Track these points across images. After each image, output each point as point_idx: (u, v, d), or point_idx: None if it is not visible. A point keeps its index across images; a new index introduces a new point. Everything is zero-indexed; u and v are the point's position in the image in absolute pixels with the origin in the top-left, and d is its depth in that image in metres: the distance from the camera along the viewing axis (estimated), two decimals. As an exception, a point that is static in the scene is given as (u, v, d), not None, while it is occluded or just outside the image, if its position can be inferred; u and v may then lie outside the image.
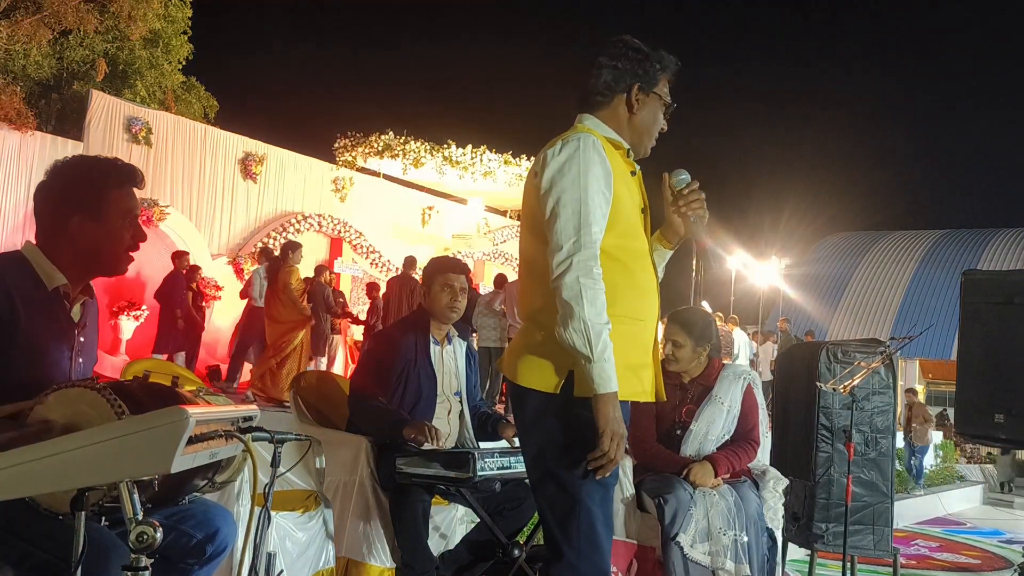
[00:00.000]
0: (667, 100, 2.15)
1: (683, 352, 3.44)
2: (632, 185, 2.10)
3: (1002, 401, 3.93)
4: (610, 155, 2.05)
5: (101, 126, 11.89)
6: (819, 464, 4.39)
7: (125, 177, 2.04)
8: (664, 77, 2.14)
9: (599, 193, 1.95)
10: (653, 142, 2.17)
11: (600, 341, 1.86)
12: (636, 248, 2.06)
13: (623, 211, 2.01)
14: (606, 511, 1.96)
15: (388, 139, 15.83)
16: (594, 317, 1.86)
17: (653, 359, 2.12)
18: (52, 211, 2.00)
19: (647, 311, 2.07)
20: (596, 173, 1.96)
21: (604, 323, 1.87)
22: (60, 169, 2.02)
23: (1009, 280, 4.12)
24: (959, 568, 6.46)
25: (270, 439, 2.51)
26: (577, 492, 1.92)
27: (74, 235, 1.98)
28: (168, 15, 16.07)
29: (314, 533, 3.34)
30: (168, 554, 1.98)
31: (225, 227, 13.51)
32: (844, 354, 4.39)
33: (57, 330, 1.97)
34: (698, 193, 2.10)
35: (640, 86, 2.10)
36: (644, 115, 2.11)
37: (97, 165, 2.06)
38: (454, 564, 3.23)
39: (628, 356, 2.00)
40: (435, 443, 3.03)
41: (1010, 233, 25.26)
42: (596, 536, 1.92)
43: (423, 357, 3.34)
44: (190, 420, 1.44)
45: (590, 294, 1.87)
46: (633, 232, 2.05)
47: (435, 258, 3.80)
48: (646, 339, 2.08)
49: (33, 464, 1.43)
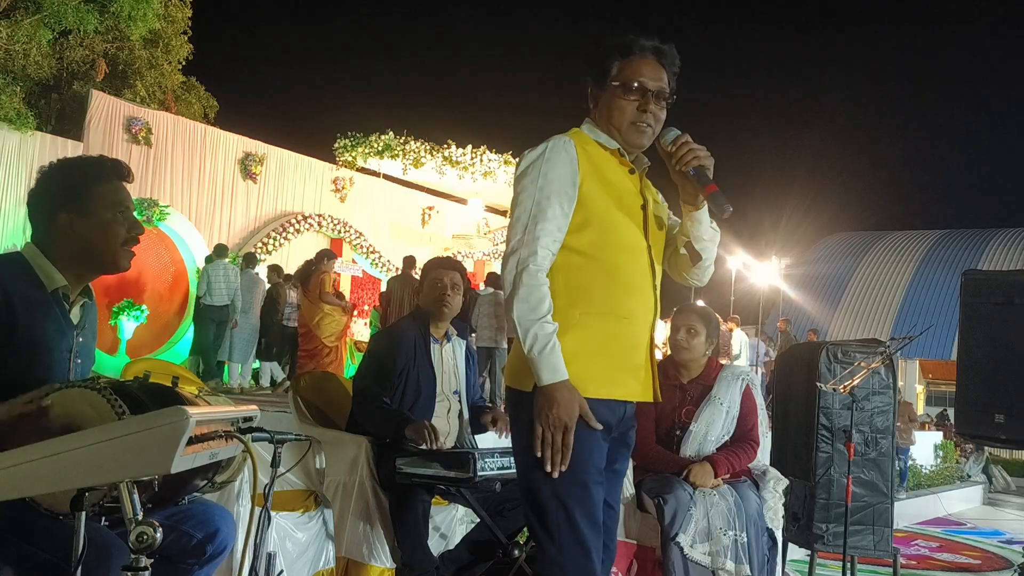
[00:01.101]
0: (625, 83, 2.03)
1: (698, 340, 3.45)
2: (624, 184, 2.07)
3: (1002, 401, 3.93)
4: (594, 156, 2.04)
5: (101, 126, 11.90)
6: (819, 464, 4.39)
7: (110, 171, 2.04)
8: (619, 63, 2.04)
9: (559, 192, 1.96)
10: (636, 131, 2.05)
11: (530, 336, 1.89)
12: (621, 244, 2.02)
13: (596, 210, 2.00)
14: (587, 508, 1.94)
15: (388, 139, 15.83)
16: (525, 313, 1.90)
17: (647, 358, 2.10)
18: (42, 213, 2.00)
19: (633, 308, 2.04)
20: (557, 173, 1.96)
21: (537, 319, 1.90)
22: (46, 171, 2.03)
23: (1009, 280, 4.12)
24: (959, 568, 6.46)
25: (270, 439, 2.51)
26: (553, 489, 1.93)
27: (65, 233, 1.98)
28: (168, 15, 16.05)
29: (314, 533, 3.34)
30: (168, 554, 1.98)
31: (225, 227, 13.51)
32: (844, 354, 4.39)
33: (56, 332, 1.97)
34: (689, 144, 2.03)
35: (591, 81, 2.10)
36: (604, 110, 2.08)
37: (80, 162, 2.07)
38: (454, 564, 3.23)
39: (610, 354, 2.00)
40: (434, 444, 3.03)
41: (1010, 233, 25.24)
42: (577, 532, 1.92)
43: (422, 355, 3.34)
44: (190, 420, 1.44)
45: (523, 291, 1.91)
46: (615, 229, 2.02)
47: (431, 259, 3.82)
48: (632, 336, 2.05)
49: (33, 464, 1.43)
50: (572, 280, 2.00)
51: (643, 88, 2.04)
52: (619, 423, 2.08)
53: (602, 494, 2.01)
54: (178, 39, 16.71)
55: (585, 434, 1.96)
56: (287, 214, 14.30)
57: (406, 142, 15.93)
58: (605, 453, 2.03)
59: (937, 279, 23.86)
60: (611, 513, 2.12)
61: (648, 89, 2.04)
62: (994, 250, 24.45)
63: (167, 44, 16.37)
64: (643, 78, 2.04)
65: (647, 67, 2.05)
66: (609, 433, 2.04)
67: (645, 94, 2.04)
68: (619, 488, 2.20)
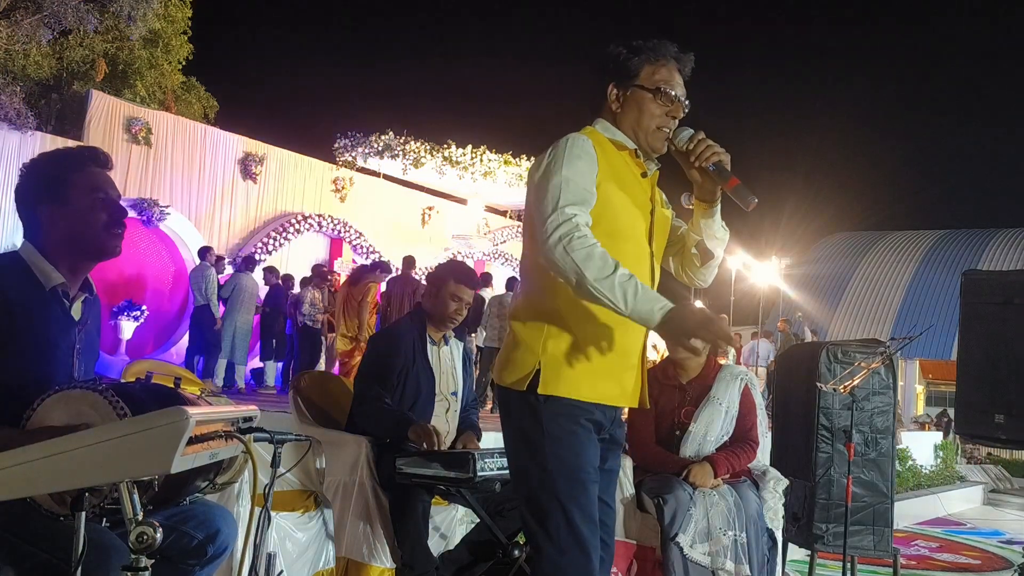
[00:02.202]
0: (658, 88, 2.04)
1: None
2: (636, 187, 2.07)
3: (1002, 401, 3.93)
4: (611, 155, 2.03)
5: (101, 126, 11.91)
6: (819, 464, 4.39)
7: (87, 158, 2.04)
8: (649, 67, 2.05)
9: (582, 176, 1.93)
10: (660, 136, 2.06)
11: (617, 291, 1.79)
12: (623, 250, 1.99)
13: (609, 211, 1.99)
14: (585, 507, 1.94)
15: (388, 139, 15.84)
16: (596, 273, 1.80)
17: (638, 363, 2.08)
18: (26, 208, 2.01)
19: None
20: (578, 166, 1.94)
21: (608, 274, 1.79)
22: (26, 167, 2.04)
23: (1009, 280, 4.13)
24: (959, 568, 6.46)
25: (270, 439, 2.51)
26: (551, 488, 1.93)
27: (48, 225, 1.98)
28: (168, 15, 16.06)
29: (314, 533, 3.34)
30: (169, 555, 1.98)
31: (225, 227, 13.52)
32: (844, 354, 4.39)
33: (57, 329, 1.97)
34: (706, 141, 2.03)
35: (615, 83, 2.08)
36: (629, 112, 2.07)
37: (57, 154, 2.07)
38: (454, 564, 3.23)
39: (603, 358, 1.99)
40: (438, 446, 3.04)
41: (1010, 233, 25.24)
42: (577, 533, 1.92)
43: (421, 356, 3.35)
44: (190, 420, 1.44)
45: (580, 253, 1.80)
46: (621, 234, 2.01)
47: (454, 263, 3.70)
48: (626, 342, 2.03)
49: (33, 464, 1.43)
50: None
51: (672, 94, 2.05)
52: (610, 424, 2.09)
53: (595, 495, 2.01)
54: (178, 39, 16.73)
55: (579, 433, 1.96)
56: (287, 214, 14.30)
57: (406, 142, 15.93)
58: (599, 452, 2.04)
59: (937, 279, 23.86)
60: (607, 511, 2.13)
61: (677, 95, 2.06)
62: (994, 250, 24.45)
63: (167, 44, 16.39)
64: (673, 83, 2.06)
65: (674, 73, 2.07)
66: (599, 434, 2.05)
67: (674, 100, 2.05)
68: (614, 486, 2.21)
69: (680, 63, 2.09)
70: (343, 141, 16.23)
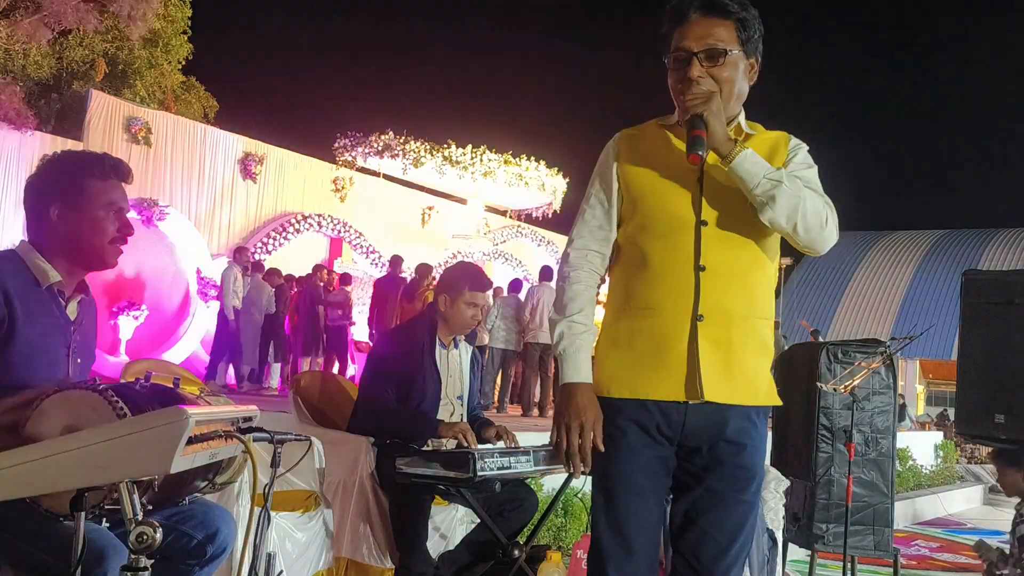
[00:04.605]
0: (671, 52, 1.88)
1: None
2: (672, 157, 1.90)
3: (1002, 401, 3.93)
4: (651, 138, 1.96)
5: (101, 126, 11.90)
6: (819, 464, 4.38)
7: (108, 169, 2.03)
8: (669, 37, 1.90)
9: (598, 190, 2.01)
10: (683, 101, 1.84)
11: (556, 334, 1.95)
12: (655, 230, 1.88)
13: (634, 193, 1.92)
14: (610, 518, 1.87)
15: (388, 139, 15.81)
16: (554, 311, 1.98)
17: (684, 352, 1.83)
18: (35, 203, 2.00)
19: (660, 299, 1.86)
20: (599, 171, 2.02)
21: (560, 317, 1.95)
22: (46, 162, 2.04)
23: (1009, 280, 4.12)
24: (959, 568, 6.45)
25: (270, 439, 2.50)
26: (592, 495, 1.94)
27: (55, 226, 1.98)
28: (168, 15, 16.07)
29: (314, 533, 3.33)
30: (168, 555, 1.98)
31: (225, 227, 13.51)
32: (844, 354, 4.38)
33: (53, 329, 1.96)
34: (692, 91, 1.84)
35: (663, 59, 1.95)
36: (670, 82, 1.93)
37: (80, 156, 2.07)
38: (454, 564, 3.23)
39: (636, 351, 1.88)
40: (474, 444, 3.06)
41: (1010, 233, 25.26)
42: (597, 541, 1.91)
43: (429, 359, 3.32)
44: (189, 420, 1.44)
45: (557, 291, 2.01)
46: (650, 212, 1.90)
47: (464, 267, 3.64)
48: (660, 330, 1.85)
49: (33, 464, 1.43)
50: (614, 276, 2.00)
51: (684, 54, 1.86)
52: (682, 429, 1.86)
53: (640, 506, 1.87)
54: (178, 39, 16.74)
55: (613, 436, 1.86)
56: (287, 214, 14.29)
57: (406, 142, 15.90)
58: (643, 461, 1.87)
59: (937, 279, 23.87)
60: (704, 538, 1.87)
61: (691, 52, 1.84)
62: (994, 250, 24.46)
63: (167, 44, 16.39)
64: (685, 41, 1.85)
65: (694, 28, 1.85)
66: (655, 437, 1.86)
67: (688, 60, 1.85)
68: (718, 511, 1.87)
69: (709, 9, 1.86)
70: (343, 141, 16.21)
